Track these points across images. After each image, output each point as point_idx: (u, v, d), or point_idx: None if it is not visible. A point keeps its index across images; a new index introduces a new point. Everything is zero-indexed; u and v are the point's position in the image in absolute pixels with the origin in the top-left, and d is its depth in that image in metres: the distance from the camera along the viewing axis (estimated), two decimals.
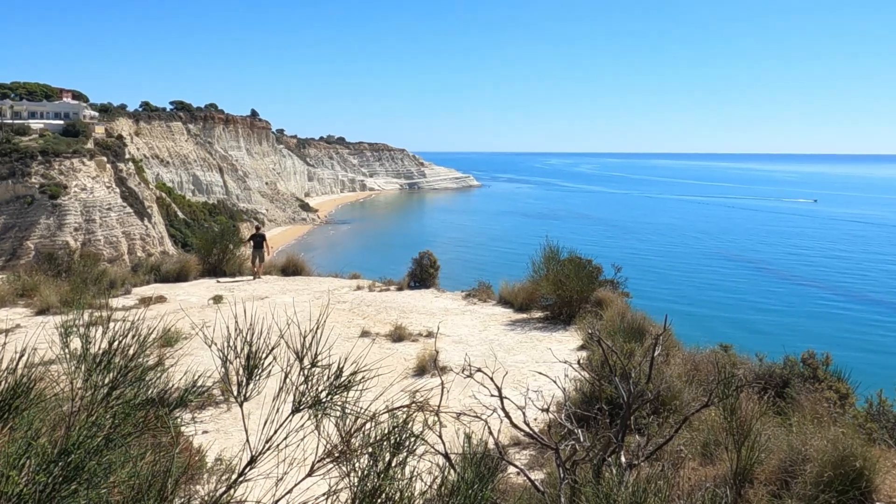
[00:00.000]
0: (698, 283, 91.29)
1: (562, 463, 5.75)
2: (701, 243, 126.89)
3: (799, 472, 6.75)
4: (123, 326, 3.39)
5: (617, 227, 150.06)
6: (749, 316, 72.04)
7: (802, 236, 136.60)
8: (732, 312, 73.61)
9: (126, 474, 3.07)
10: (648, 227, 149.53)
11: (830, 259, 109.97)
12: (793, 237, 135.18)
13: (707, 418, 7.94)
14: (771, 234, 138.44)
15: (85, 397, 3.17)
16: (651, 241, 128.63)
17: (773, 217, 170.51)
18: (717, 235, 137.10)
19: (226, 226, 43.92)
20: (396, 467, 3.58)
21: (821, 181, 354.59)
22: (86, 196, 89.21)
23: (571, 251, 17.96)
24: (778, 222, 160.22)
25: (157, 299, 18.48)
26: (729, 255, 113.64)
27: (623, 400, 6.45)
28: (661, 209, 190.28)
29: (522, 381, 12.03)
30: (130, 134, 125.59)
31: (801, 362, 10.33)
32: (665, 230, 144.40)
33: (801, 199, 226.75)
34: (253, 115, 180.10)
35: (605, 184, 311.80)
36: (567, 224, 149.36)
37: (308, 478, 3.44)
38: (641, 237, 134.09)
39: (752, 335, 56.48)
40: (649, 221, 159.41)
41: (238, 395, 3.47)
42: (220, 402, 10.31)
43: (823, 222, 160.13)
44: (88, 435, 3.01)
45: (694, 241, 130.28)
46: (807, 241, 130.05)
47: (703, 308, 74.34)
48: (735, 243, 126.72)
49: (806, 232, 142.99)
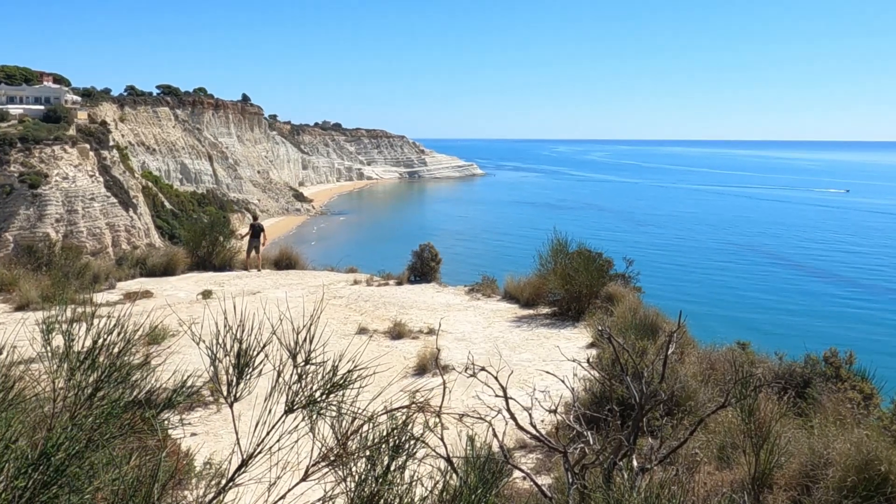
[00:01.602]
0: (716, 277, 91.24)
1: (570, 467, 5.76)
2: (718, 235, 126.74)
3: (821, 476, 6.75)
4: (108, 323, 3.39)
5: (629, 218, 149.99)
6: (768, 312, 71.98)
7: (833, 229, 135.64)
8: (751, 309, 73.57)
9: (110, 479, 3.08)
10: (663, 218, 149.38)
11: (859, 254, 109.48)
12: (823, 230, 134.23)
13: (724, 420, 7.94)
14: (800, 227, 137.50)
15: (67, 398, 3.17)
16: (665, 234, 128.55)
17: (802, 209, 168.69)
18: (740, 227, 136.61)
19: (215, 217, 43.87)
20: (395, 471, 3.59)
21: (847, 170, 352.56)
22: (68, 185, 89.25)
23: (581, 243, 17.95)
24: (808, 214, 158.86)
25: (143, 294, 18.49)
26: (749, 248, 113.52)
27: (635, 400, 6.45)
28: (677, 199, 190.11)
29: (529, 380, 12.03)
30: (115, 120, 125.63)
31: (823, 361, 10.33)
32: (680, 221, 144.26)
33: (831, 188, 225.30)
34: (244, 100, 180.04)
35: (617, 172, 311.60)
36: (576, 215, 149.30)
37: (302, 482, 3.45)
38: (655, 229, 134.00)
39: (772, 332, 56.45)
40: (663, 212, 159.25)
41: (228, 396, 3.47)
42: (210, 403, 10.32)
43: (859, 215, 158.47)
44: (71, 437, 3.01)
45: (711, 233, 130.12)
46: (838, 234, 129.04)
47: (721, 304, 74.33)
48: (756, 236, 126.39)
49: (837, 225, 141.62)
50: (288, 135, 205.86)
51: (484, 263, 55.79)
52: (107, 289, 19.36)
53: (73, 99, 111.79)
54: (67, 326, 3.36)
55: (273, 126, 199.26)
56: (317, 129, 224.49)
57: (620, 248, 22.75)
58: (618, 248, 21.63)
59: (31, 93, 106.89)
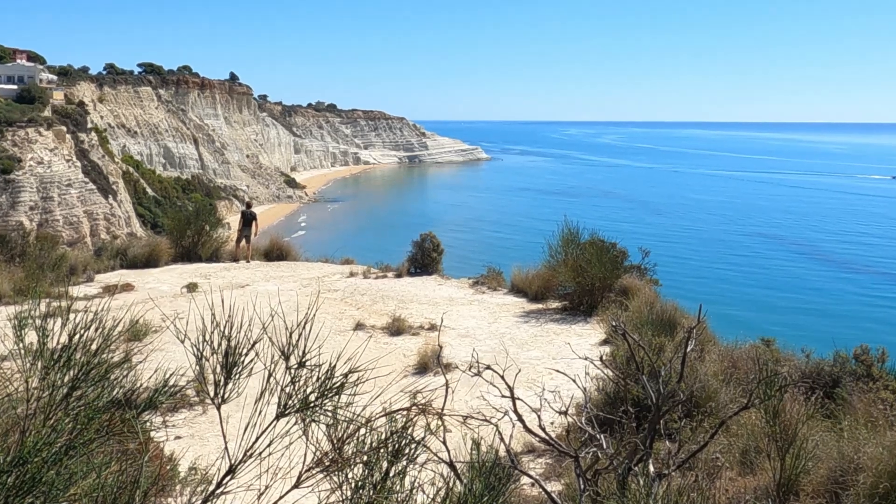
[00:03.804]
0: (738, 269, 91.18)
1: (582, 472, 5.75)
2: (743, 225, 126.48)
3: (851, 482, 6.74)
4: (85, 318, 3.37)
5: (645, 205, 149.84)
6: (795, 308, 71.91)
7: (879, 217, 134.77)
8: (776, 303, 73.50)
9: (89, 486, 3.07)
10: (681, 206, 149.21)
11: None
12: (867, 221, 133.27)
13: (747, 422, 7.94)
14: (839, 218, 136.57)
15: (42, 398, 3.16)
16: (684, 222, 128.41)
17: (845, 198, 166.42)
18: (768, 217, 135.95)
19: (201, 204, 43.87)
20: (395, 478, 3.58)
21: (883, 154, 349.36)
22: (42, 171, 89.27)
23: (593, 233, 17.96)
24: (850, 203, 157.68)
25: (123, 287, 18.50)
26: (776, 239, 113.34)
27: (651, 401, 6.44)
28: (696, 186, 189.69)
29: (537, 379, 12.05)
30: (93, 100, 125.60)
31: (853, 359, 10.32)
32: (700, 209, 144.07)
33: (874, 175, 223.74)
34: (232, 80, 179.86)
35: (631, 157, 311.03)
36: (588, 202, 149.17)
37: (295, 489, 3.44)
38: (673, 218, 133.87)
39: (798, 328, 56.44)
40: (682, 200, 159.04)
41: (215, 397, 3.46)
42: (195, 404, 10.34)
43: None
44: (46, 441, 3.00)
45: (735, 222, 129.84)
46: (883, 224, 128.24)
47: (744, 298, 74.25)
48: (788, 227, 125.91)
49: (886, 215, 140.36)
50: (279, 116, 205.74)
51: (489, 254, 55.79)
52: (84, 281, 19.38)
53: (48, 78, 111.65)
54: (42, 322, 3.35)
55: (263, 107, 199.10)
56: (310, 110, 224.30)
57: (636, 238, 22.73)
58: (633, 238, 21.60)
59: (3, 71, 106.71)
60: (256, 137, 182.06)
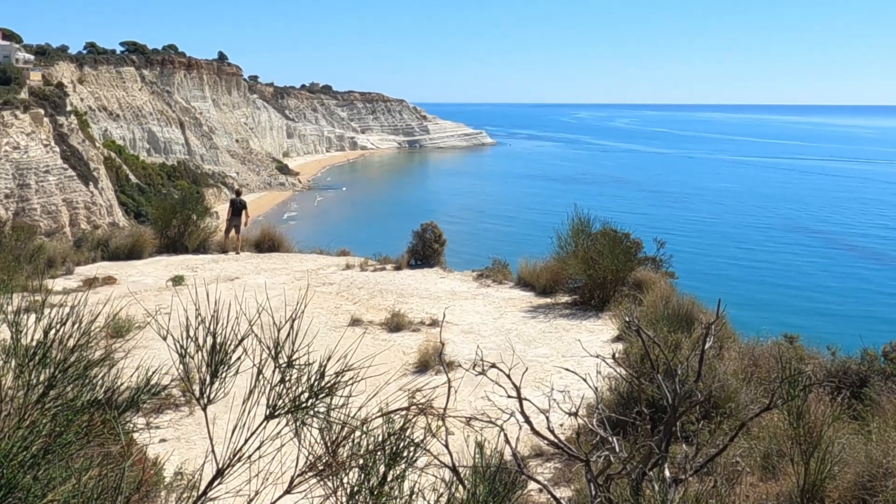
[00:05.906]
0: (760, 262, 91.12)
1: (593, 478, 5.75)
2: (768, 214, 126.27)
3: (879, 488, 6.74)
4: (62, 313, 3.37)
5: (660, 193, 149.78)
6: (820, 303, 71.89)
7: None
8: (800, 298, 73.46)
9: (68, 491, 3.07)
10: (698, 194, 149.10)
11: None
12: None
13: (768, 424, 7.94)
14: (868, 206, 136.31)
15: (16, 398, 3.16)
16: (701, 212, 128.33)
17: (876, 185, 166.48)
18: (795, 205, 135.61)
19: (188, 192, 43.95)
20: (393, 482, 3.58)
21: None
22: (19, 156, 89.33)
23: (605, 222, 17.94)
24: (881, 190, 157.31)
25: (104, 281, 18.53)
26: (801, 230, 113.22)
27: (667, 402, 6.43)
28: (715, 172, 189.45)
29: (546, 379, 12.05)
30: (73, 81, 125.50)
31: (881, 357, 10.31)
32: (719, 198, 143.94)
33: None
34: (220, 59, 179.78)
35: (645, 141, 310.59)
36: (599, 190, 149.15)
37: (286, 495, 3.44)
38: (690, 206, 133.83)
39: (823, 324, 56.45)
40: (699, 187, 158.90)
41: (201, 397, 3.45)
42: (181, 405, 10.36)
43: None
44: (22, 445, 3.00)
45: (760, 210, 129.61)
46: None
47: (766, 292, 74.24)
48: (811, 214, 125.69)
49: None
50: (271, 99, 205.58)
51: (494, 245, 55.81)
52: (63, 274, 19.40)
53: (24, 58, 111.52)
54: (15, 317, 3.35)
55: (254, 89, 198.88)
56: (304, 92, 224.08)
57: (650, 228, 22.77)
58: (647, 228, 21.65)
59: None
60: (246, 121, 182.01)
